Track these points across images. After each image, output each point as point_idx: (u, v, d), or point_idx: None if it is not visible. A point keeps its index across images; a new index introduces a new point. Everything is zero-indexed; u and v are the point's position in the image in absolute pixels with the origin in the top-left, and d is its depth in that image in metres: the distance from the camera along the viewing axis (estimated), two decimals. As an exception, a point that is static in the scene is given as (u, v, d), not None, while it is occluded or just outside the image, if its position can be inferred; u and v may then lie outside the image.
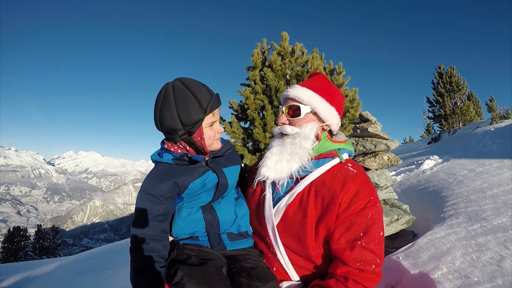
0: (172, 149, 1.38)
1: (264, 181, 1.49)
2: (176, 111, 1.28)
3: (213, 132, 1.37)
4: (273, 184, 1.48)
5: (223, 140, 1.52)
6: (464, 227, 2.34)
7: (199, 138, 1.35)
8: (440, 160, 4.85)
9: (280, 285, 1.38)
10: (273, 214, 1.41)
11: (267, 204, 1.44)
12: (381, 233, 1.29)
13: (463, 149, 6.51)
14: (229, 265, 1.37)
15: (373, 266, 1.24)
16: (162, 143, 1.44)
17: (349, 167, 1.40)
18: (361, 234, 1.26)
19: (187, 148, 1.38)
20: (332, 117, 1.44)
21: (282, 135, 1.48)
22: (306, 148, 1.38)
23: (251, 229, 1.51)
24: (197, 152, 1.40)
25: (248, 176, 1.72)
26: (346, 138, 1.52)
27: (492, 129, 8.01)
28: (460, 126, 13.71)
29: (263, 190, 1.49)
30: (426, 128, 17.11)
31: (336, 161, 1.43)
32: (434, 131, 16.40)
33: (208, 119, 1.34)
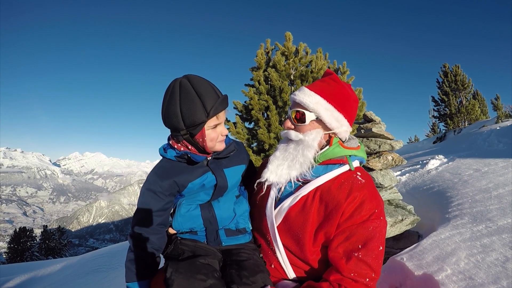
0: (175, 146, 1.40)
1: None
2: (180, 111, 1.29)
3: (216, 134, 1.37)
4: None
5: (229, 140, 1.52)
6: (469, 228, 2.33)
7: (201, 140, 1.36)
8: (445, 160, 4.83)
9: (277, 284, 1.39)
10: (273, 213, 1.42)
11: (269, 203, 1.45)
12: (381, 248, 1.27)
13: (468, 149, 6.46)
14: (224, 260, 1.40)
15: (367, 280, 1.22)
16: (169, 138, 1.46)
17: (358, 176, 1.37)
18: (360, 246, 1.24)
19: (189, 147, 1.40)
20: (339, 125, 1.40)
21: (288, 139, 1.47)
22: (308, 156, 1.37)
23: (250, 226, 1.53)
24: (199, 152, 1.41)
25: (258, 171, 1.70)
26: (359, 144, 1.49)
27: (498, 128, 7.94)
28: (466, 125, 13.61)
29: (268, 188, 1.49)
30: (431, 127, 17.04)
31: (345, 168, 1.40)
32: (440, 130, 16.32)
33: (211, 122, 1.34)
